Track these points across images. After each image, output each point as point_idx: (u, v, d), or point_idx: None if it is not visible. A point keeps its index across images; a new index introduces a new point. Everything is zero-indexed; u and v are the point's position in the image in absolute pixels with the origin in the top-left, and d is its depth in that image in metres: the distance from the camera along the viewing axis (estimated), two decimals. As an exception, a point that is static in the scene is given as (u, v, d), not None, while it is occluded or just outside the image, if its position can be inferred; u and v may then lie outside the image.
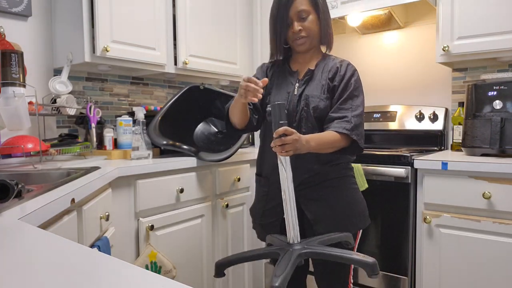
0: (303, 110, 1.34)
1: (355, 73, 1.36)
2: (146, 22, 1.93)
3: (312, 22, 1.34)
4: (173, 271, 1.59)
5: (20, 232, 0.64)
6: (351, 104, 1.31)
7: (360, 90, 1.35)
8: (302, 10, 1.33)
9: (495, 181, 1.51)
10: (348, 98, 1.31)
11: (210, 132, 2.08)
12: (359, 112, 1.30)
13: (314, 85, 1.36)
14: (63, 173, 1.35)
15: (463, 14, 1.83)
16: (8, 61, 1.45)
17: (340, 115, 1.29)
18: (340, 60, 1.39)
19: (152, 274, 0.46)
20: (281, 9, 1.35)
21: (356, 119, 1.28)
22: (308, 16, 1.34)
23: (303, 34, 1.35)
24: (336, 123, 1.28)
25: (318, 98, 1.33)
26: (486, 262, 1.53)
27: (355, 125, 1.28)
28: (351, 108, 1.30)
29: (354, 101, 1.31)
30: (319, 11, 1.35)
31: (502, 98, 1.69)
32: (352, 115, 1.28)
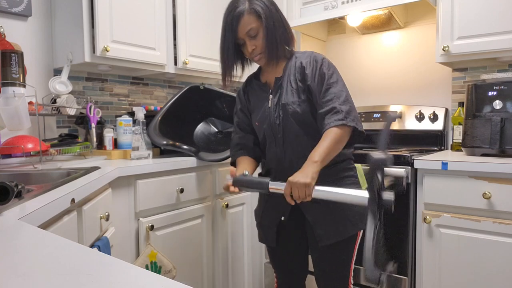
0: (283, 120, 1.33)
1: (323, 61, 1.31)
2: (146, 22, 1.93)
3: (261, 37, 1.30)
4: (173, 271, 1.59)
5: (20, 232, 0.64)
6: (333, 93, 1.26)
7: (336, 74, 1.30)
8: (250, 29, 1.28)
9: (495, 181, 1.51)
10: (328, 88, 1.27)
11: (210, 132, 2.08)
12: (344, 97, 1.26)
13: (286, 91, 1.33)
14: (63, 173, 1.35)
15: (463, 14, 1.83)
16: (8, 61, 1.45)
17: (327, 109, 1.25)
18: (307, 56, 1.34)
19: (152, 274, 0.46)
20: (227, 35, 1.32)
21: (344, 106, 1.24)
22: (258, 33, 1.29)
23: (258, 51, 1.32)
24: (327, 119, 1.25)
25: (293, 103, 1.31)
26: (486, 262, 1.53)
27: (346, 112, 1.23)
28: (335, 96, 1.26)
29: (334, 87, 1.27)
30: (265, 20, 1.28)
31: (502, 98, 1.68)
32: (339, 104, 1.24)
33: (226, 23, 1.31)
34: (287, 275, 1.51)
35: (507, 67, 2.03)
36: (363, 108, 2.45)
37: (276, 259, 1.51)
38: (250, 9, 1.28)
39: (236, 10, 1.28)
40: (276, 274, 1.55)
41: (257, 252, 2.20)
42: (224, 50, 1.35)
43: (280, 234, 1.44)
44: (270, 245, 1.48)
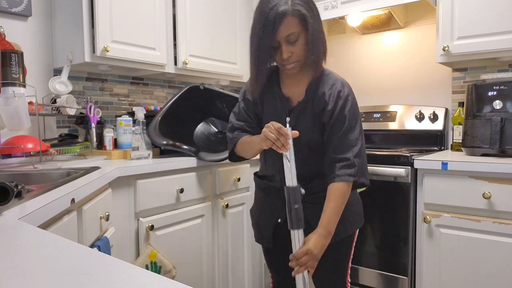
0: (295, 144, 1.24)
1: (347, 101, 1.22)
2: (146, 22, 1.93)
3: (302, 44, 1.18)
4: (173, 271, 1.59)
5: (20, 232, 0.64)
6: (350, 140, 1.21)
7: (356, 118, 1.24)
8: (291, 33, 1.15)
9: (495, 181, 1.51)
10: (345, 133, 1.22)
11: (210, 132, 2.08)
12: (359, 147, 1.22)
13: (306, 118, 1.27)
14: (63, 173, 1.35)
15: (463, 14, 1.83)
16: (8, 61, 1.45)
17: (340, 157, 1.21)
18: (331, 85, 1.24)
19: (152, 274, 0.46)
20: (266, 34, 1.15)
21: (358, 159, 1.21)
22: (298, 39, 1.16)
23: (293, 59, 1.19)
24: (338, 169, 1.21)
25: (311, 131, 1.26)
26: (486, 262, 1.53)
27: (359, 167, 1.21)
28: (351, 144, 1.21)
29: (352, 134, 1.22)
30: (309, 28, 1.16)
31: (502, 98, 1.69)
32: (353, 155, 1.20)
33: (266, 20, 1.13)
34: (283, 276, 1.50)
35: (507, 67, 2.03)
36: (363, 108, 2.45)
37: (272, 260, 1.50)
38: (294, 11, 1.13)
39: (280, 9, 1.12)
40: (272, 274, 1.55)
41: (257, 252, 2.20)
42: (260, 50, 1.18)
43: (276, 235, 1.43)
44: (266, 246, 1.46)
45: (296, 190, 1.18)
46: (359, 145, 1.22)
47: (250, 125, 1.38)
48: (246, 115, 1.38)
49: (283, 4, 1.13)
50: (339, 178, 1.20)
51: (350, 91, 1.25)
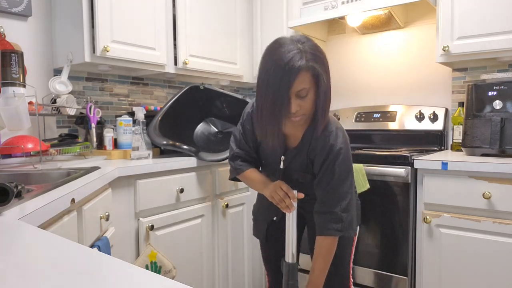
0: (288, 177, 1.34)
1: (338, 155, 1.22)
2: (146, 22, 1.93)
3: (311, 99, 1.16)
4: (173, 271, 1.59)
5: (20, 232, 0.64)
6: (339, 193, 1.23)
7: (347, 171, 1.24)
8: (303, 88, 1.13)
9: (495, 181, 1.51)
10: (334, 187, 1.23)
11: (210, 132, 2.08)
12: (347, 201, 1.23)
13: (300, 160, 1.30)
14: (63, 173, 1.35)
15: (463, 14, 1.83)
16: (8, 61, 1.45)
17: (329, 210, 1.24)
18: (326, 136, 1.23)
19: (152, 274, 0.46)
20: (282, 89, 1.11)
21: (345, 214, 1.23)
22: (307, 95, 1.14)
23: (300, 113, 1.17)
24: (326, 222, 1.24)
25: (303, 172, 1.32)
26: (486, 262, 1.53)
27: (347, 222, 1.24)
28: (340, 198, 1.23)
29: (341, 188, 1.23)
30: (320, 86, 1.15)
31: (502, 98, 1.68)
32: (341, 210, 1.23)
33: (284, 73, 1.10)
34: (275, 272, 1.54)
35: (507, 67, 2.03)
36: (363, 108, 2.45)
37: (265, 255, 1.56)
38: (309, 67, 1.11)
39: (296, 64, 1.09)
40: (267, 271, 1.59)
41: (257, 252, 2.20)
42: (277, 104, 1.13)
43: (270, 230, 1.49)
44: (260, 239, 1.54)
45: (294, 267, 1.29)
46: (347, 199, 1.24)
47: (250, 154, 1.41)
48: (245, 143, 1.40)
49: (299, 60, 1.10)
50: (327, 231, 1.24)
51: (343, 143, 1.23)
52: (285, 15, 2.44)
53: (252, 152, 1.40)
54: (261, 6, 2.55)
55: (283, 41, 1.15)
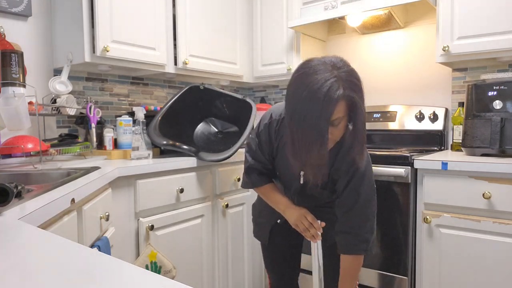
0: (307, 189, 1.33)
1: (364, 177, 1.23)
2: (146, 22, 1.93)
3: (342, 127, 1.13)
4: (173, 271, 1.59)
5: (20, 232, 0.64)
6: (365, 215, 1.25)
7: (372, 192, 1.26)
8: (338, 118, 1.08)
9: (495, 181, 1.51)
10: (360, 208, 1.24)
11: (210, 132, 2.08)
12: (372, 222, 1.26)
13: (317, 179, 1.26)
14: (63, 173, 1.35)
15: (463, 14, 1.83)
16: (8, 61, 1.45)
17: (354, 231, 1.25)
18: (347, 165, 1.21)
19: (152, 274, 0.46)
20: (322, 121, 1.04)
21: (370, 235, 1.26)
22: (340, 123, 1.10)
23: (332, 139, 1.14)
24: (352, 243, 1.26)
25: (320, 189, 1.31)
26: (486, 262, 1.53)
27: (372, 242, 1.27)
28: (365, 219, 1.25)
29: (367, 209, 1.25)
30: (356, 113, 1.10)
31: (502, 98, 1.68)
32: (366, 231, 1.25)
33: (323, 105, 1.03)
34: (278, 274, 1.53)
35: (507, 67, 2.03)
36: (363, 108, 2.45)
37: (267, 257, 1.54)
38: (345, 96, 1.05)
39: (335, 95, 1.03)
40: (269, 274, 1.57)
41: (257, 252, 2.20)
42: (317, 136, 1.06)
43: (273, 233, 1.48)
44: (263, 242, 1.52)
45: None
46: (372, 221, 1.26)
47: (266, 166, 1.38)
48: (261, 155, 1.35)
49: (337, 90, 1.03)
50: (354, 251, 1.26)
51: (368, 165, 1.25)
52: (285, 15, 2.44)
53: (268, 164, 1.37)
54: (261, 6, 2.55)
55: (317, 67, 1.05)
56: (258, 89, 3.00)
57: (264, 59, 2.55)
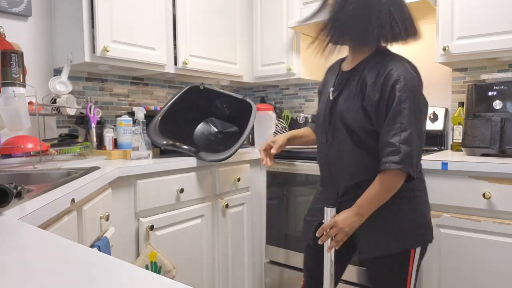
0: (333, 120, 1.24)
1: (398, 81, 1.11)
2: (146, 22, 1.93)
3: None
4: (173, 271, 1.59)
5: (20, 232, 0.64)
6: (399, 123, 1.10)
7: (409, 100, 1.10)
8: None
9: (495, 181, 1.51)
10: (393, 116, 1.11)
11: (210, 132, 2.08)
12: (408, 133, 1.09)
13: (347, 92, 1.21)
14: (63, 173, 1.35)
15: (463, 14, 1.83)
16: (8, 61, 1.45)
17: (386, 141, 1.12)
18: (383, 63, 1.15)
19: (152, 274, 0.46)
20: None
21: (405, 146, 1.09)
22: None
23: None
24: (384, 154, 1.12)
25: (346, 108, 1.20)
26: (486, 262, 1.53)
27: (405, 154, 1.09)
28: (400, 128, 1.10)
29: (401, 117, 1.10)
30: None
31: (502, 98, 1.68)
32: (400, 141, 1.09)
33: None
34: (313, 281, 1.41)
35: (507, 67, 2.03)
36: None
37: (307, 262, 1.42)
38: None
39: None
40: (304, 278, 1.45)
41: (257, 252, 2.20)
42: None
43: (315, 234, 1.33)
44: (308, 242, 1.39)
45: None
46: (408, 131, 1.10)
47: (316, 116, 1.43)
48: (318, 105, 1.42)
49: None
50: (383, 165, 1.12)
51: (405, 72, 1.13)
52: (285, 15, 2.44)
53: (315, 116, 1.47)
54: (261, 6, 2.55)
55: None
56: (258, 89, 3.00)
57: (264, 59, 2.55)
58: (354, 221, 1.16)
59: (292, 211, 2.04)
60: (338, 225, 1.15)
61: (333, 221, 1.17)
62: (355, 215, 1.16)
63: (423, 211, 1.23)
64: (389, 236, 1.20)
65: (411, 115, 1.10)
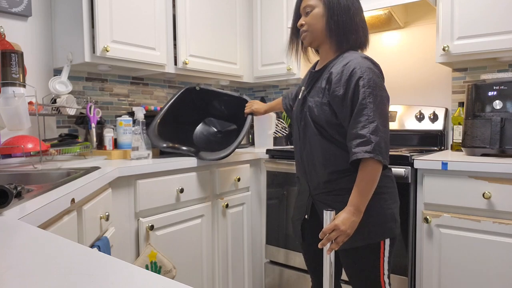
0: (303, 115, 1.33)
1: (361, 78, 1.19)
2: (146, 22, 1.93)
3: (314, 16, 1.29)
4: (173, 271, 1.59)
5: (20, 232, 0.64)
6: (367, 115, 1.16)
7: (372, 95, 1.18)
8: (307, 5, 1.30)
9: (495, 181, 1.51)
10: (360, 109, 1.18)
11: (209, 133, 2.08)
12: (375, 125, 1.16)
13: (315, 89, 1.31)
14: (63, 173, 1.35)
15: (463, 14, 1.83)
16: (8, 61, 1.45)
17: (358, 133, 1.17)
18: (348, 61, 1.23)
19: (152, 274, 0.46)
20: (295, 5, 1.38)
21: (374, 136, 1.15)
22: (312, 10, 1.30)
23: (304, 29, 1.33)
24: (355, 147, 1.17)
25: (315, 103, 1.28)
26: (486, 262, 1.53)
27: (376, 144, 1.15)
28: (367, 121, 1.16)
29: (367, 110, 1.17)
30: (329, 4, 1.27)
31: (502, 98, 1.68)
32: (369, 131, 1.15)
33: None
34: (316, 275, 1.49)
35: (507, 67, 2.03)
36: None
37: (305, 258, 1.51)
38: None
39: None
40: (311, 277, 1.52)
41: (257, 252, 2.20)
42: (292, 20, 1.41)
43: (305, 231, 1.44)
44: (297, 240, 1.49)
45: None
46: (375, 122, 1.16)
47: None
48: None
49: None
50: (355, 155, 1.17)
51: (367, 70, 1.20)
52: (285, 15, 2.44)
53: None
54: (261, 6, 2.55)
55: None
56: (258, 89, 3.00)
57: (264, 59, 2.55)
58: (354, 220, 1.19)
59: (292, 211, 2.04)
60: (339, 228, 1.17)
61: (333, 224, 1.18)
62: (353, 214, 1.19)
63: (389, 206, 1.29)
64: (358, 231, 1.24)
65: (376, 108, 1.18)
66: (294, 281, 2.05)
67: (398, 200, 1.35)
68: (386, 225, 1.28)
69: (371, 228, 1.26)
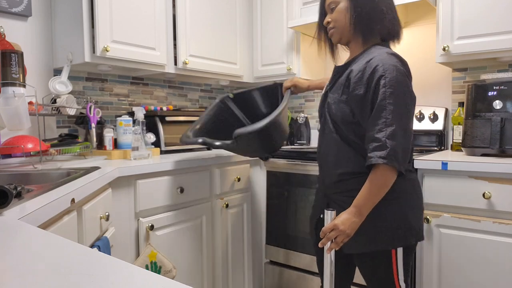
0: (324, 111, 1.31)
1: (383, 76, 1.12)
2: (146, 22, 1.93)
3: (339, 11, 1.25)
4: (173, 271, 1.59)
5: (20, 232, 0.64)
6: (385, 118, 1.11)
7: (394, 96, 1.11)
8: (332, 1, 1.27)
9: (495, 181, 1.51)
10: (378, 111, 1.12)
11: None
12: (393, 128, 1.10)
13: (336, 85, 1.27)
14: (63, 173, 1.35)
15: (463, 14, 1.83)
16: (8, 61, 1.45)
17: (374, 136, 1.13)
18: (371, 58, 1.17)
19: (152, 274, 0.46)
20: (320, 3, 1.35)
21: (390, 141, 1.09)
22: (337, 6, 1.26)
23: (330, 26, 1.29)
24: (370, 150, 1.13)
25: (333, 100, 1.24)
26: (486, 262, 1.53)
27: (391, 149, 1.09)
28: (385, 124, 1.11)
29: (386, 112, 1.11)
30: None
31: (502, 98, 1.68)
32: (386, 136, 1.10)
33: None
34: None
35: (507, 67, 2.03)
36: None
37: (317, 260, 1.47)
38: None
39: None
40: (320, 276, 1.49)
41: (257, 252, 2.20)
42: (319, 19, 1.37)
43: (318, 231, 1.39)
44: (311, 237, 1.46)
45: None
46: (394, 126, 1.10)
47: None
48: None
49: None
50: (369, 160, 1.13)
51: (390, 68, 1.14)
52: (285, 15, 2.44)
53: None
54: (261, 6, 2.55)
55: None
56: (258, 89, 2.99)
57: (264, 59, 2.55)
58: (354, 221, 1.17)
59: (292, 211, 2.04)
60: (338, 228, 1.16)
61: (333, 224, 1.17)
62: (354, 215, 1.17)
63: (404, 212, 1.21)
64: (366, 236, 1.21)
65: (396, 110, 1.12)
66: (294, 281, 2.05)
67: (419, 207, 1.26)
68: (397, 231, 1.20)
69: (379, 233, 1.21)
